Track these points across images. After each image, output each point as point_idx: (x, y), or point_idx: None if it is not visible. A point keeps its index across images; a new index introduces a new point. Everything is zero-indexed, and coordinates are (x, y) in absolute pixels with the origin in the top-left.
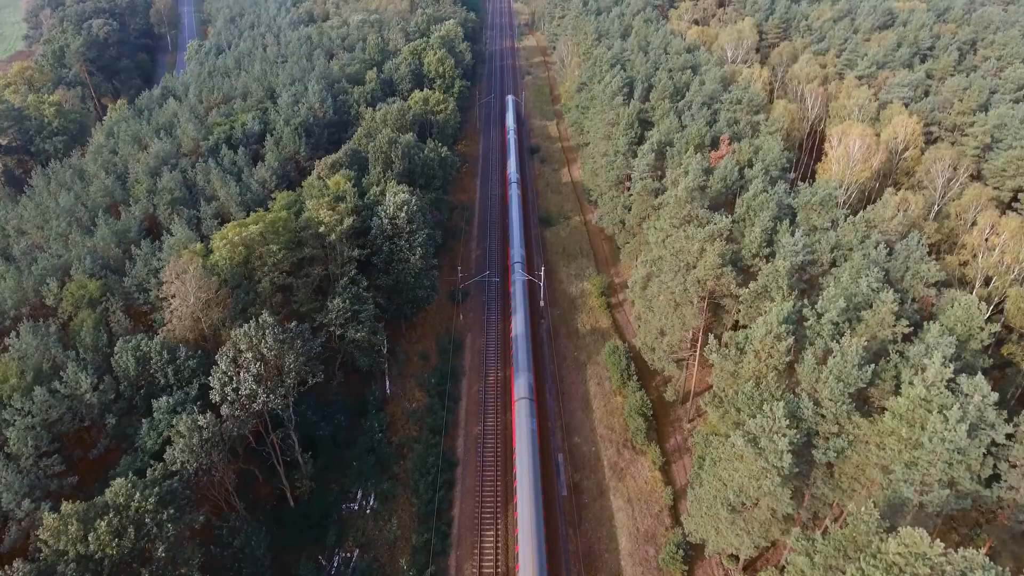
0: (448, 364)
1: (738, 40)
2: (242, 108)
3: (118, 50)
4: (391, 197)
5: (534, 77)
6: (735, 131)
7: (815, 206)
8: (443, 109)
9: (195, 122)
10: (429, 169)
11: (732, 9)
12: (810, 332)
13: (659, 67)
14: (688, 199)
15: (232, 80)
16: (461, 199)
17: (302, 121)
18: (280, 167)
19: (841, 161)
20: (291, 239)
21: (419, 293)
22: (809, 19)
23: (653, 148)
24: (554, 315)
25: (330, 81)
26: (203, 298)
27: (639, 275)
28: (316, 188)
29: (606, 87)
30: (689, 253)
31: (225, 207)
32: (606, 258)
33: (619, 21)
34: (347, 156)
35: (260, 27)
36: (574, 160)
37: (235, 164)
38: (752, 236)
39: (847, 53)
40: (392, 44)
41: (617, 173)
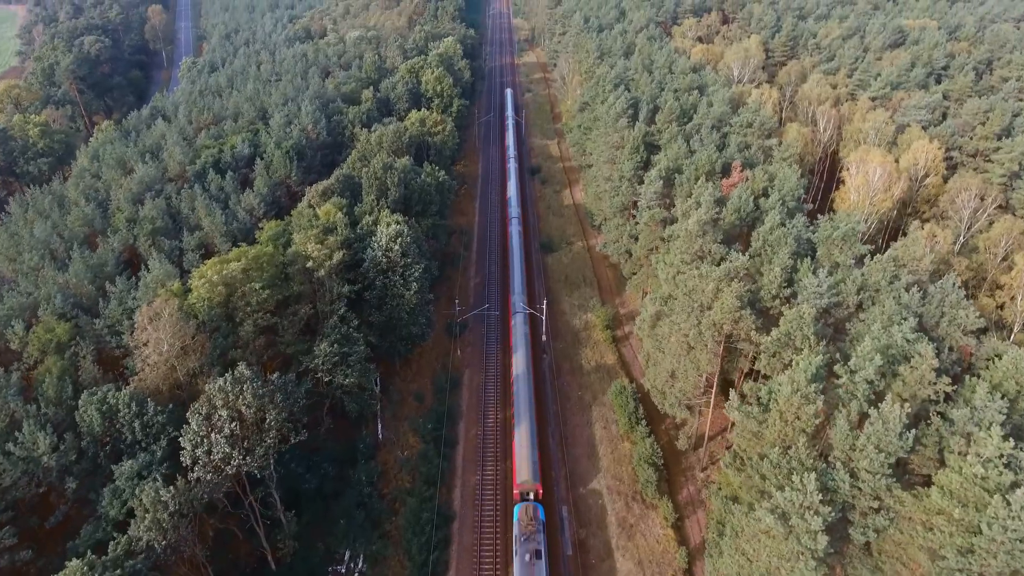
0: (444, 405)
1: (745, 59)
2: (233, 129)
3: (111, 67)
4: (384, 229)
5: (534, 94)
6: (746, 157)
7: (837, 241)
8: (441, 130)
9: (183, 145)
10: (426, 195)
11: (737, 26)
12: (843, 392)
13: (664, 87)
14: (700, 233)
15: (224, 100)
16: (459, 222)
17: (294, 144)
18: (270, 193)
19: (860, 190)
20: (277, 275)
21: (414, 330)
22: (817, 37)
23: (661, 175)
24: (556, 349)
25: (325, 101)
26: (178, 346)
27: (648, 313)
28: (305, 218)
29: (610, 108)
30: (703, 293)
31: (209, 237)
32: (610, 286)
33: (621, 39)
34: (339, 182)
35: (255, 44)
36: (576, 181)
37: (222, 190)
38: (771, 276)
39: (859, 73)
40: (389, 62)
41: (622, 199)
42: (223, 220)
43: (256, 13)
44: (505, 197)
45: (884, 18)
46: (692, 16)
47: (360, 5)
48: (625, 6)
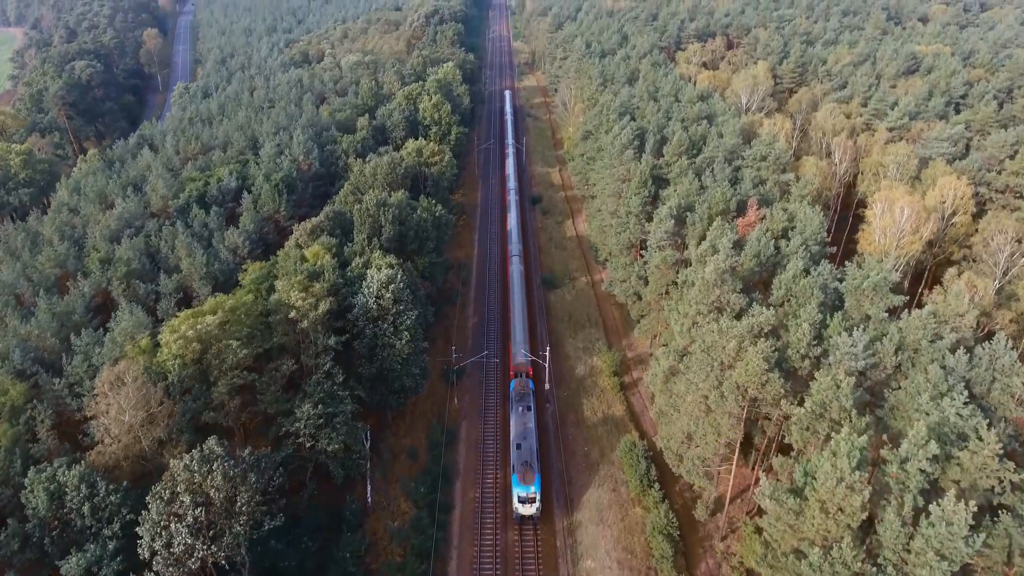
0: (440, 463)
1: (753, 86)
2: (221, 160)
3: (103, 92)
4: (375, 274)
5: (535, 119)
6: (762, 193)
7: (867, 291)
8: (438, 160)
9: (167, 177)
10: (422, 231)
11: (742, 51)
12: (892, 481)
13: (671, 117)
14: (718, 282)
15: (213, 128)
16: (457, 256)
17: (284, 176)
18: (256, 229)
19: (887, 232)
20: (257, 325)
21: (407, 382)
22: (827, 63)
23: (672, 213)
24: (560, 398)
25: (318, 129)
26: (142, 415)
27: (660, 367)
28: (292, 260)
29: (615, 139)
30: (723, 350)
31: (188, 280)
32: (617, 327)
33: (625, 65)
34: (329, 220)
35: (251, 69)
36: (579, 211)
37: (206, 227)
38: (799, 333)
39: (874, 102)
40: (387, 87)
41: (629, 236)
42: (204, 261)
43: (253, 37)
44: (506, 229)
45: (895, 44)
46: (696, 41)
47: (358, 29)
48: (627, 31)
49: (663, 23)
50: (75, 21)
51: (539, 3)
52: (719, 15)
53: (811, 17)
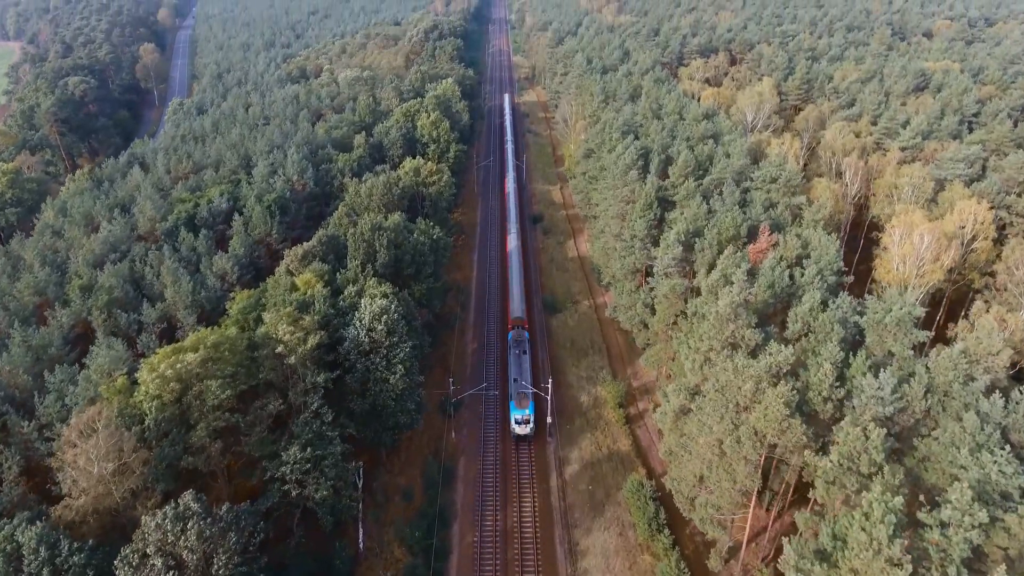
0: (436, 504)
1: (759, 103)
2: (213, 180)
3: (98, 107)
4: (367, 305)
5: (535, 135)
6: (773, 217)
7: (890, 327)
8: (436, 180)
9: (156, 198)
10: (419, 255)
11: (746, 68)
12: (933, 551)
13: (676, 136)
14: (732, 316)
15: (206, 146)
16: (456, 278)
17: (277, 197)
18: (247, 253)
19: (907, 260)
20: (242, 361)
21: (401, 419)
22: (833, 80)
23: (679, 239)
24: (563, 431)
25: (314, 147)
26: (111, 468)
27: (671, 406)
28: (281, 288)
29: (618, 159)
30: (739, 391)
31: (172, 309)
32: (621, 353)
33: (627, 81)
34: (322, 244)
35: (247, 84)
36: (580, 231)
37: (194, 251)
38: (821, 374)
39: (884, 120)
40: (384, 104)
41: (635, 261)
42: (190, 289)
43: (251, 52)
44: (506, 250)
45: (903, 60)
46: (699, 57)
47: (357, 44)
48: (629, 47)
49: (665, 39)
50: (71, 36)
51: (539, 18)
52: (721, 30)
53: (815, 33)
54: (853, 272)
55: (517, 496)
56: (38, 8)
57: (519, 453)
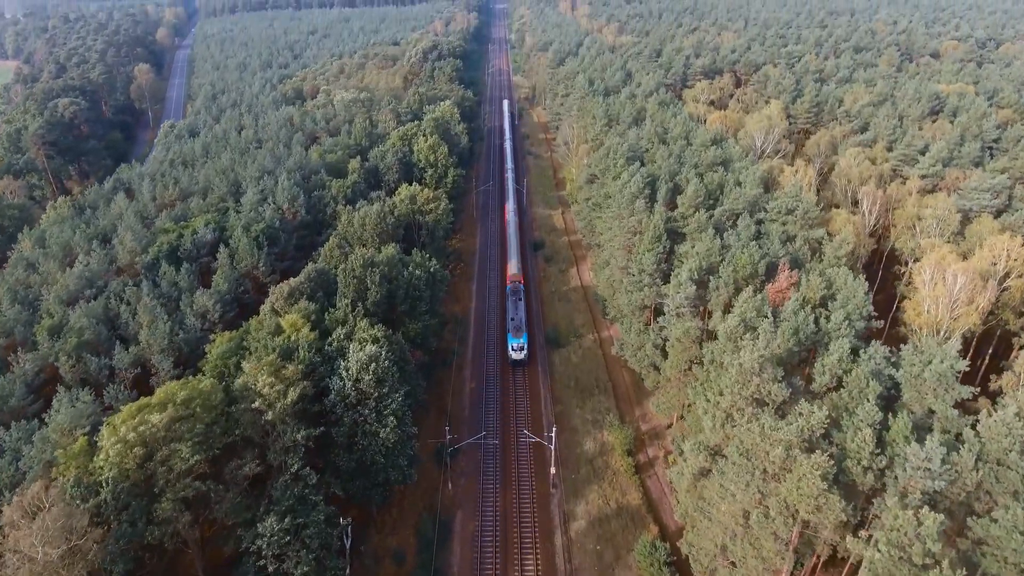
0: (431, 567)
1: (768, 127)
2: (199, 208)
3: (89, 129)
4: (354, 352)
5: (536, 157)
6: (791, 252)
7: (929, 382)
8: (433, 208)
9: (138, 228)
10: (414, 290)
11: (752, 90)
12: None
13: (684, 162)
14: (758, 371)
15: (194, 172)
16: (453, 310)
17: (265, 227)
18: (231, 289)
19: (939, 302)
20: (217, 418)
21: (392, 474)
22: (844, 103)
23: (692, 276)
24: (567, 482)
25: (307, 172)
26: (56, 555)
27: (688, 466)
28: (266, 329)
29: (624, 187)
30: (767, 457)
31: (146, 353)
32: (628, 393)
33: (630, 104)
34: (310, 280)
35: (242, 106)
36: (583, 258)
37: (176, 286)
38: (860, 440)
39: (901, 147)
40: (382, 126)
41: (643, 297)
42: (167, 330)
43: (247, 72)
44: (506, 278)
45: (915, 83)
46: (703, 78)
47: (355, 64)
48: (631, 68)
49: (668, 59)
50: (66, 56)
51: (539, 38)
52: (725, 51)
53: (820, 54)
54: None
55: (519, 556)
56: (36, 27)
57: (520, 505)
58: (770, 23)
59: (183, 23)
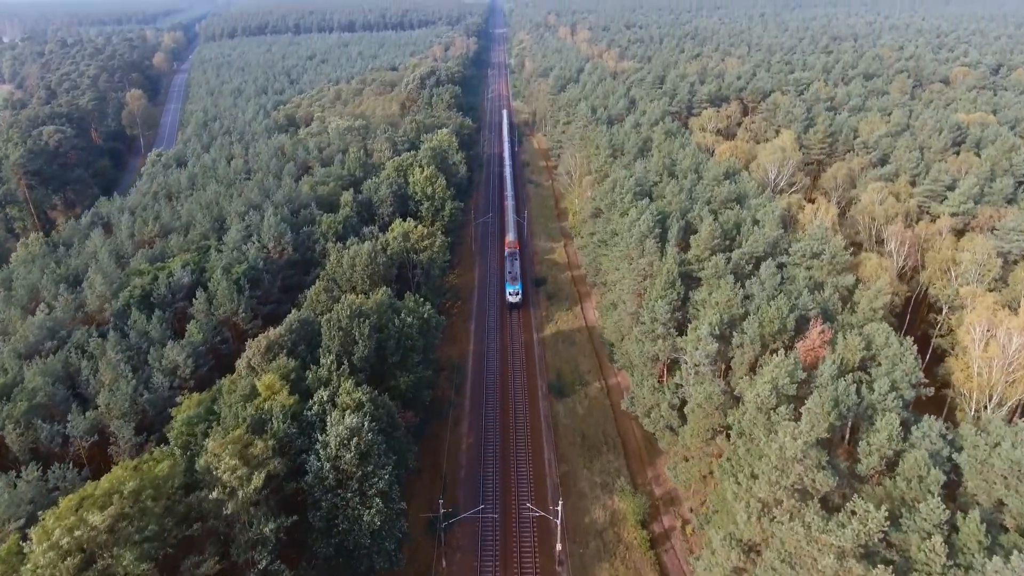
0: None
1: (782, 159)
2: (179, 246)
3: (76, 157)
4: (335, 423)
5: (536, 186)
6: (820, 302)
7: (998, 468)
8: (428, 246)
9: (111, 269)
10: (407, 339)
11: (761, 118)
12: None
13: (696, 198)
14: (800, 457)
15: (178, 205)
16: (450, 354)
17: (247, 269)
18: (207, 339)
19: (992, 364)
20: (173, 507)
21: (377, 561)
22: (860, 133)
23: (713, 331)
24: (574, 556)
25: (296, 206)
26: None
27: (720, 566)
28: (239, 392)
29: (632, 225)
30: (815, 566)
31: (105, 419)
32: (639, 451)
33: (635, 134)
34: (292, 333)
35: (234, 133)
36: (588, 295)
37: (146, 336)
38: (929, 549)
39: (928, 182)
40: (377, 156)
41: (656, 349)
42: (130, 390)
43: (242, 98)
44: (506, 321)
45: (932, 112)
46: (710, 106)
47: (352, 90)
48: (635, 95)
49: (672, 86)
50: (57, 81)
51: (539, 63)
52: (731, 78)
53: (829, 80)
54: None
55: None
56: (33, 52)
57: None
58: (774, 49)
59: (182, 48)
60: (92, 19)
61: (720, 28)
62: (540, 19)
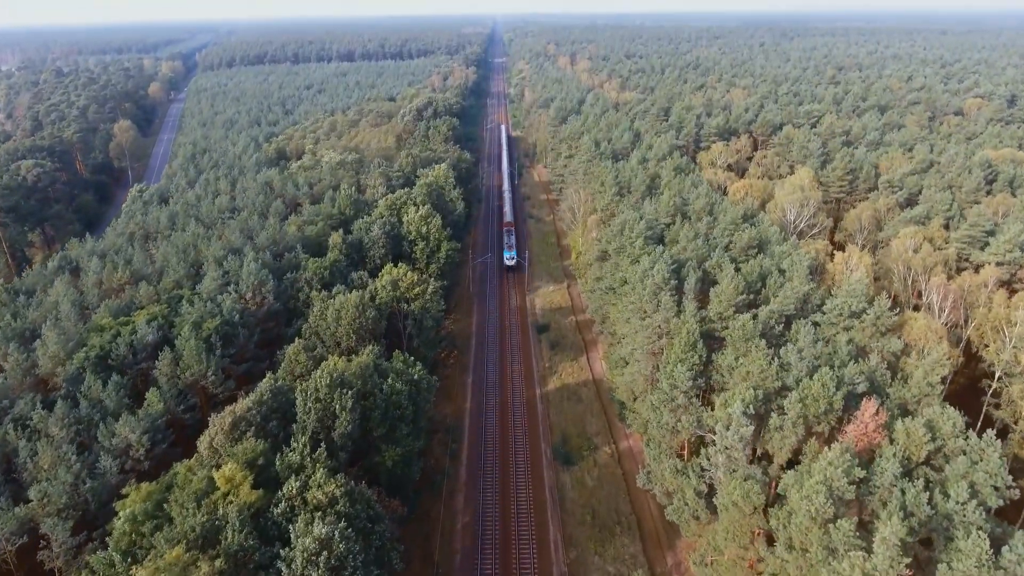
0: None
1: (802, 199)
2: (148, 296)
3: (59, 191)
4: (301, 537)
5: (537, 221)
6: (866, 373)
7: None
8: (419, 294)
9: (70, 323)
10: (395, 408)
11: (773, 152)
12: None
13: (714, 244)
14: None
15: (153, 248)
16: (444, 412)
17: (220, 324)
18: (169, 408)
19: None
20: None
21: None
22: (881, 170)
23: (747, 410)
24: None
25: (280, 248)
26: None
27: None
28: (194, 485)
29: (645, 276)
30: None
31: (36, 516)
32: (656, 532)
33: (643, 170)
34: (262, 405)
35: (222, 167)
36: (593, 342)
37: (100, 405)
38: None
39: (966, 227)
40: (370, 193)
41: (678, 423)
42: (70, 478)
43: (234, 130)
44: (506, 374)
45: (959, 148)
46: (718, 139)
47: (348, 122)
48: (639, 127)
49: (678, 118)
50: (44, 112)
51: (539, 93)
52: (738, 110)
53: (840, 112)
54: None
55: None
56: (28, 82)
57: None
58: (779, 79)
59: (181, 77)
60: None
61: (722, 58)
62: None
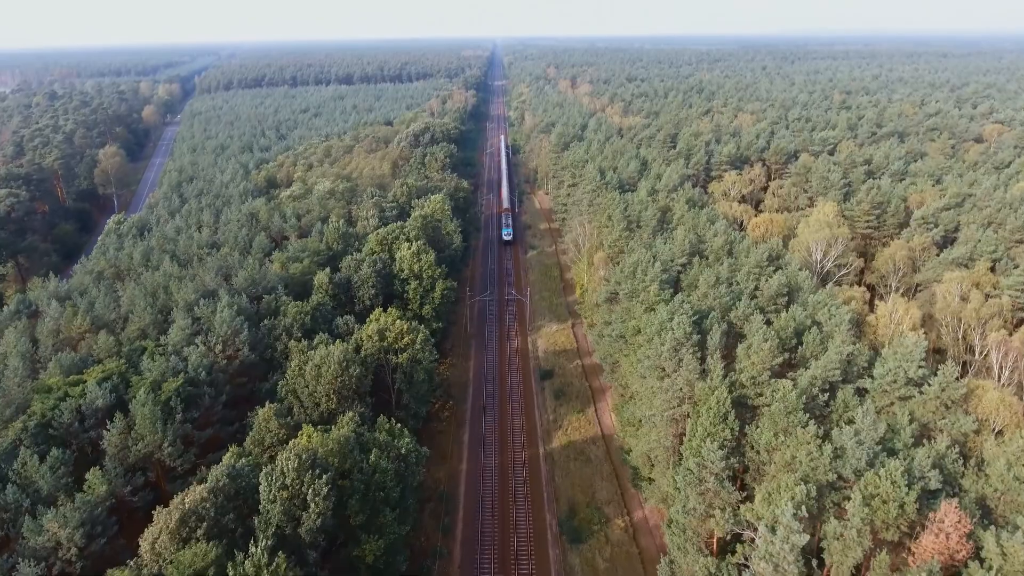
0: None
1: (830, 237)
2: (106, 349)
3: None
4: None
5: (539, 252)
6: (938, 461)
7: None
8: (409, 344)
9: (14, 383)
10: (378, 490)
11: (790, 183)
12: None
13: (738, 291)
14: None
15: (121, 290)
16: (437, 476)
17: (182, 385)
18: (114, 490)
19: None
20: None
21: None
22: (910, 204)
23: (797, 507)
24: None
25: (260, 290)
26: None
27: None
28: None
29: (663, 329)
30: None
31: None
32: None
33: (653, 203)
34: (217, 495)
35: (208, 195)
36: (601, 391)
37: (33, 490)
38: None
39: (1020, 272)
40: (361, 225)
41: (707, 511)
42: None
43: (224, 156)
44: (506, 430)
45: (993, 179)
46: (731, 168)
47: (343, 147)
48: (646, 155)
49: (687, 146)
50: (29, 136)
51: (540, 117)
52: (749, 137)
53: (856, 139)
54: None
55: None
56: (20, 104)
57: None
58: (788, 104)
59: (178, 101)
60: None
61: (726, 81)
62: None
